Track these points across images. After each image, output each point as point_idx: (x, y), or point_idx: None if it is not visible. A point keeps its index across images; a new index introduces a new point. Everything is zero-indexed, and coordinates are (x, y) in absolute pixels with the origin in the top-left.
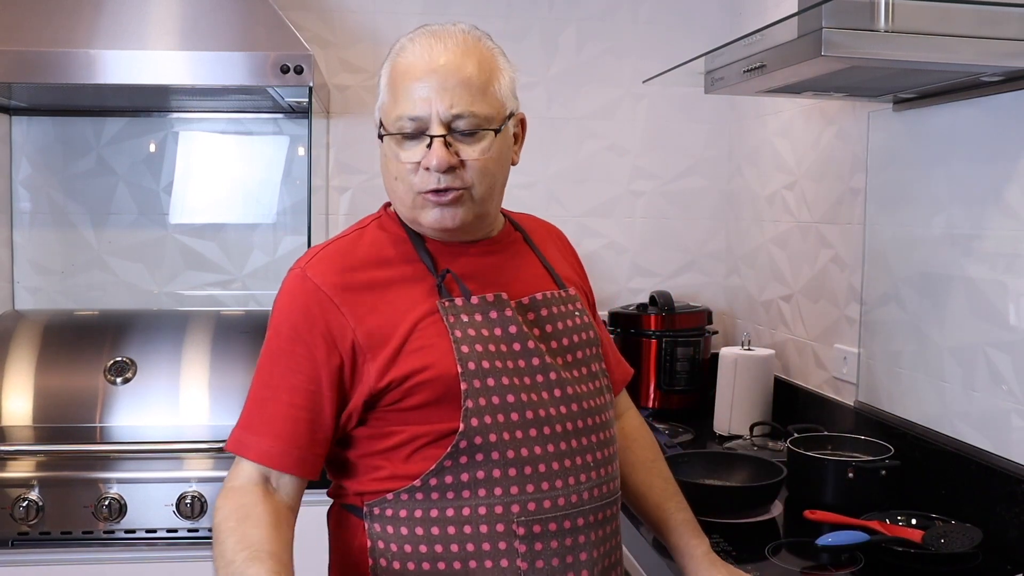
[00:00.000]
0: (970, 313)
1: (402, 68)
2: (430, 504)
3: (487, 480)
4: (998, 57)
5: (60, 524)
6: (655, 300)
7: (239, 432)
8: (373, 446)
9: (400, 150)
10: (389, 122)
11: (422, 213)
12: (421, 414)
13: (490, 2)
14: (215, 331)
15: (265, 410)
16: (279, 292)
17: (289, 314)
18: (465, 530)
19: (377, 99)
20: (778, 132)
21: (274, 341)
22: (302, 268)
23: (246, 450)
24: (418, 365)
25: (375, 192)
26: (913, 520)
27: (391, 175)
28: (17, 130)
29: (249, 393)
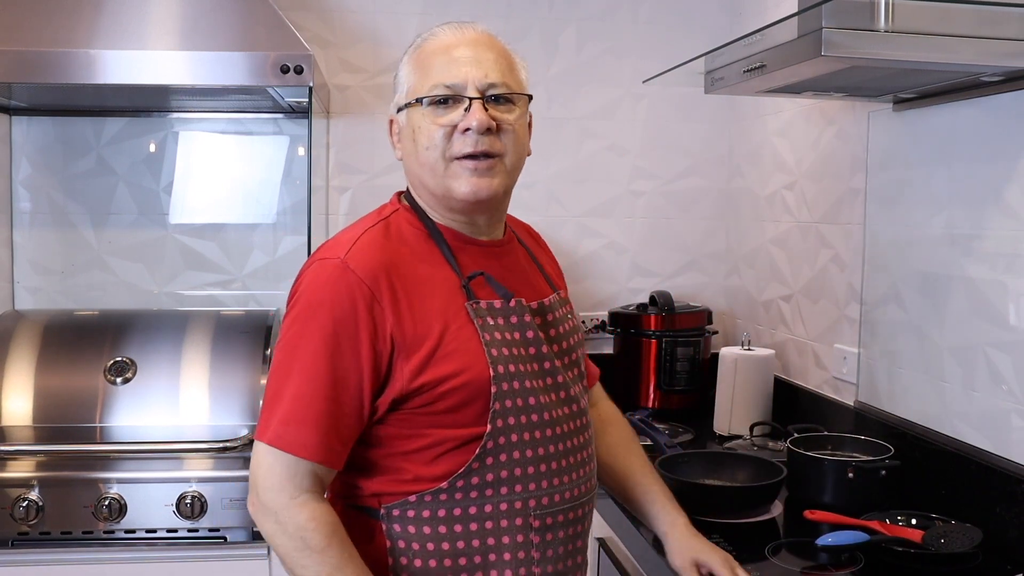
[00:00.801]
0: (970, 313)
1: (432, 47)
2: (454, 504)
3: (509, 479)
4: (998, 57)
5: (60, 524)
6: (655, 300)
7: (281, 426)
8: (398, 447)
9: (435, 117)
10: (422, 91)
11: (456, 183)
12: (450, 417)
13: (490, 2)
14: (215, 331)
15: (311, 406)
16: (313, 281)
17: (333, 307)
18: (487, 525)
19: (396, 91)
20: (778, 132)
21: (315, 333)
22: (342, 259)
23: (293, 446)
24: (452, 370)
25: (375, 192)
26: (913, 520)
27: (422, 145)
28: (17, 130)
29: (282, 383)
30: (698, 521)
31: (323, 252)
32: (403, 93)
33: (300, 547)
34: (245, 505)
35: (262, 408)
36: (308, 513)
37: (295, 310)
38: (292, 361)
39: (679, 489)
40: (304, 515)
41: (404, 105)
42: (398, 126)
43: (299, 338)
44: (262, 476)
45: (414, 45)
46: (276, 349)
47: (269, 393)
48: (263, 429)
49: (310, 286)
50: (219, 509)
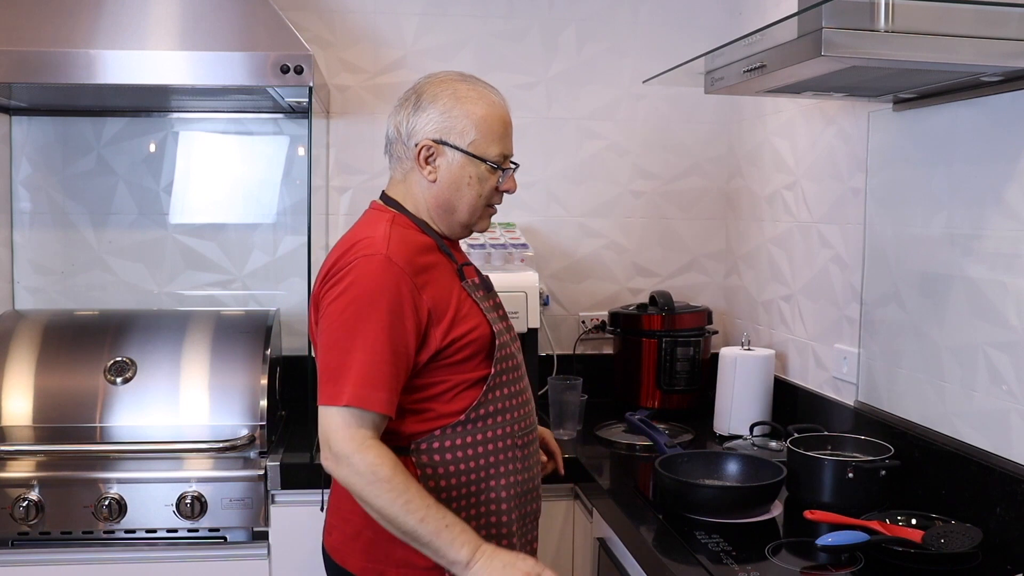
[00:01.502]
0: (970, 313)
1: (495, 115)
2: (467, 433)
3: (502, 410)
4: (998, 57)
5: (60, 524)
6: (655, 300)
7: (358, 388)
8: (426, 393)
9: (491, 176)
10: (490, 156)
11: (480, 221)
12: (464, 365)
13: (490, 2)
14: (215, 331)
15: (381, 371)
16: (365, 273)
17: (385, 292)
18: (489, 447)
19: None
20: (778, 132)
21: (373, 314)
22: (385, 255)
23: (369, 403)
24: (467, 328)
25: (375, 192)
26: (913, 520)
27: (473, 191)
28: (17, 130)
29: (346, 356)
30: (698, 521)
31: (364, 248)
32: (466, 138)
33: (372, 480)
34: (245, 505)
35: (324, 379)
36: (374, 453)
37: (349, 295)
38: (354, 338)
39: (679, 489)
40: (371, 455)
41: (467, 152)
42: (436, 154)
43: (357, 319)
44: (334, 432)
45: (464, 95)
46: (330, 329)
47: (332, 365)
48: (337, 393)
49: (363, 276)
50: (219, 509)
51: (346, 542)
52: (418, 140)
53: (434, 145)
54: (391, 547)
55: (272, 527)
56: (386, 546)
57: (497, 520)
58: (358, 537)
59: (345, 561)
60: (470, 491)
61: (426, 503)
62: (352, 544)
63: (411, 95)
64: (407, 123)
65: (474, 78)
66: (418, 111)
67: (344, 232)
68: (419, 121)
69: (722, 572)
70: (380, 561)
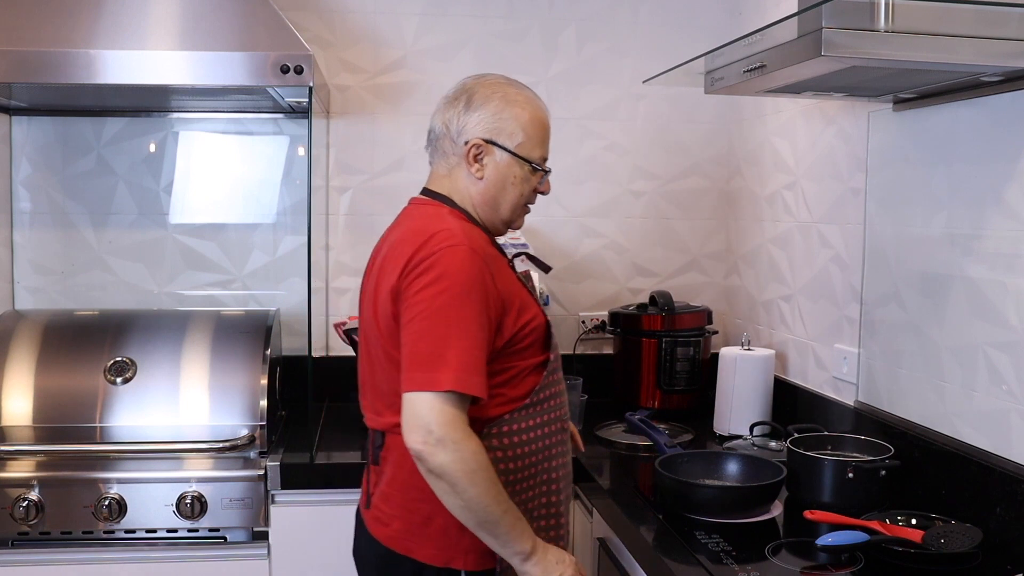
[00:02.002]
0: (970, 313)
1: (542, 120)
2: (529, 416)
3: (555, 393)
4: (998, 57)
5: (60, 524)
6: (655, 300)
7: (460, 373)
8: (497, 379)
9: (532, 177)
10: (533, 158)
11: (520, 219)
12: (526, 352)
13: (490, 2)
14: (215, 331)
15: (479, 357)
16: (453, 262)
17: (475, 280)
18: (546, 430)
19: (489, 124)
20: (778, 132)
21: (466, 302)
22: (468, 245)
23: (472, 389)
24: (529, 317)
25: (375, 192)
26: (913, 520)
27: (517, 190)
28: (17, 130)
29: (444, 342)
30: (698, 521)
31: (445, 239)
32: (514, 140)
33: (475, 467)
34: (245, 505)
35: (416, 365)
36: (476, 441)
37: (441, 284)
38: (449, 326)
39: (679, 489)
40: (475, 442)
41: (514, 153)
42: (484, 152)
43: (451, 307)
44: (437, 416)
45: (514, 99)
46: (421, 317)
47: (426, 352)
48: (436, 379)
49: (453, 266)
50: (219, 509)
51: (413, 530)
52: (468, 138)
53: (484, 144)
54: (462, 534)
55: (272, 527)
56: (458, 533)
57: (548, 500)
58: (429, 524)
59: (411, 550)
60: (530, 472)
61: (506, 494)
62: (422, 531)
63: (461, 95)
64: (457, 121)
65: (520, 83)
66: (469, 111)
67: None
68: (470, 120)
69: (722, 572)
70: (451, 548)
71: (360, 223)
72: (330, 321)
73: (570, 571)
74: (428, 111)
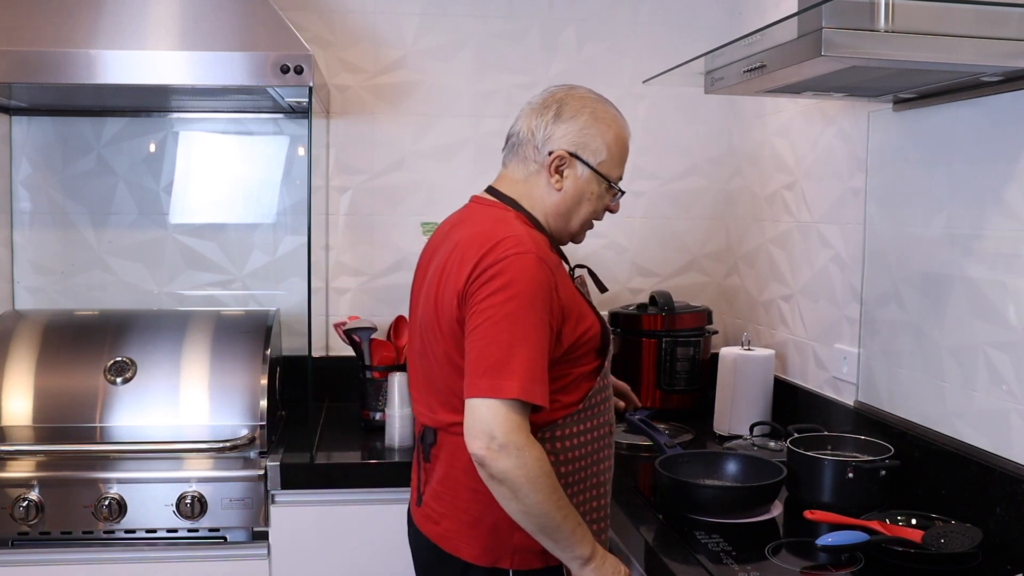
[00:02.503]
0: (970, 313)
1: (623, 139)
2: (580, 421)
3: (604, 399)
4: (998, 57)
5: (60, 524)
6: (655, 300)
7: (526, 383)
8: (554, 386)
9: (606, 195)
10: (612, 177)
11: (583, 233)
12: (582, 358)
13: (490, 2)
14: (215, 331)
15: (542, 367)
16: (523, 270)
17: (541, 290)
18: (596, 434)
19: (576, 137)
20: (778, 132)
21: (533, 310)
22: (536, 254)
23: (537, 398)
24: (586, 327)
25: (375, 192)
26: (913, 520)
27: (591, 206)
28: (17, 130)
29: (509, 350)
30: (698, 521)
31: (513, 247)
32: (598, 157)
33: (537, 473)
34: (245, 505)
35: (481, 372)
36: (538, 448)
37: (509, 292)
38: (514, 334)
39: (679, 489)
40: (538, 448)
41: (595, 170)
42: (567, 165)
43: (518, 315)
44: (502, 423)
45: (602, 116)
46: (488, 323)
47: (492, 359)
48: (501, 387)
49: (521, 274)
50: (219, 509)
51: (462, 530)
52: (553, 148)
53: (568, 157)
54: (512, 534)
55: (272, 527)
56: (508, 533)
57: (598, 504)
58: (478, 525)
59: (459, 549)
60: (581, 476)
61: (567, 499)
62: (471, 532)
63: (551, 103)
64: (544, 129)
65: (608, 100)
66: (558, 121)
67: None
68: (557, 131)
69: (722, 572)
70: (500, 548)
71: (360, 223)
72: (330, 321)
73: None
74: (428, 111)
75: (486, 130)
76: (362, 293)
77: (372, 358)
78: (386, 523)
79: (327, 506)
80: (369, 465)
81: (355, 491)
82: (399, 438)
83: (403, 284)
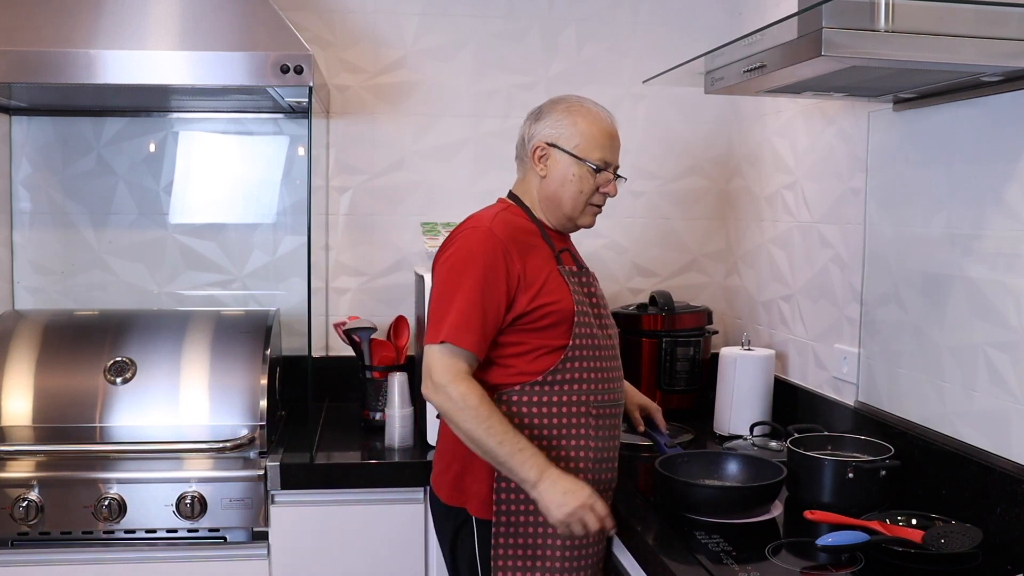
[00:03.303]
0: (970, 313)
1: (600, 126)
2: (543, 393)
3: (578, 379)
4: (998, 57)
5: (60, 524)
6: (655, 300)
7: (452, 330)
8: (510, 351)
9: (592, 178)
10: (592, 159)
11: (582, 217)
12: (546, 332)
13: (490, 2)
14: (215, 331)
15: (473, 318)
16: (467, 240)
17: (484, 256)
18: (563, 411)
19: (551, 130)
20: (778, 132)
21: (473, 271)
22: (488, 228)
23: (463, 342)
24: (551, 300)
25: (375, 192)
26: (913, 520)
27: (573, 188)
28: (17, 130)
29: (447, 305)
30: (698, 521)
31: (470, 223)
32: (572, 142)
33: (462, 407)
34: (245, 505)
35: (429, 324)
36: (466, 385)
37: (453, 258)
38: (455, 291)
39: (679, 489)
40: (463, 386)
41: (571, 154)
42: (547, 154)
43: (459, 276)
44: (434, 365)
45: (576, 110)
46: (436, 285)
47: (436, 314)
48: (435, 334)
49: (465, 243)
50: (219, 509)
51: (440, 474)
52: (534, 142)
53: (546, 147)
54: (469, 481)
55: (272, 527)
56: (470, 481)
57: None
58: (447, 471)
59: (439, 491)
60: (549, 445)
61: (504, 429)
62: (443, 477)
63: (536, 111)
64: (529, 130)
65: (589, 99)
66: (538, 121)
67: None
68: (537, 128)
69: (722, 572)
70: (465, 493)
71: (360, 223)
72: (330, 321)
73: (578, 502)
74: (428, 111)
75: (486, 130)
76: (362, 293)
77: (372, 358)
78: (386, 523)
79: (327, 506)
80: (369, 465)
81: (355, 491)
82: (399, 438)
83: (403, 284)
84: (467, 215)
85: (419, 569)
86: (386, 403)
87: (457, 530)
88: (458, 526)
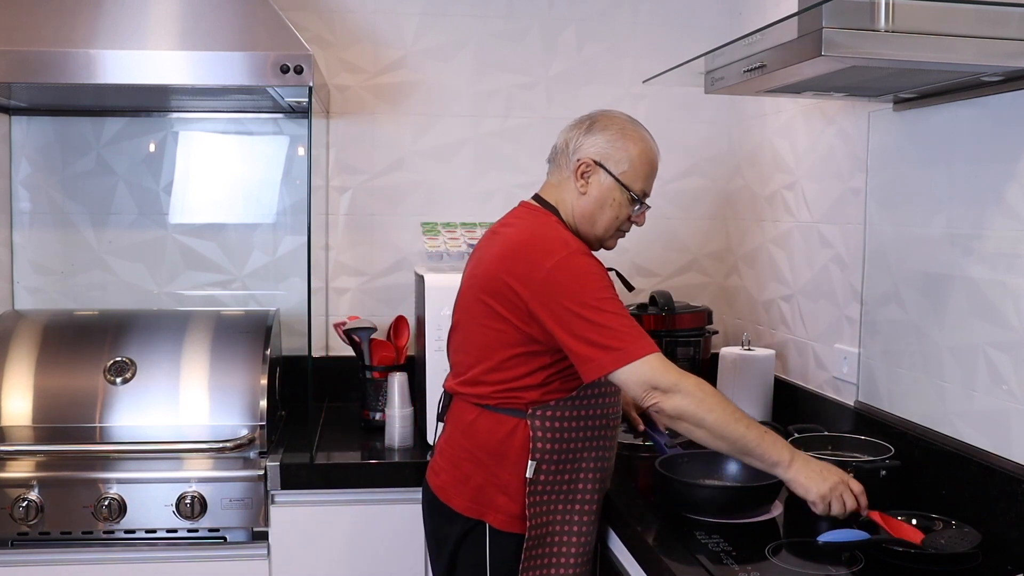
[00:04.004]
0: (970, 313)
1: (651, 158)
2: (573, 408)
3: (602, 394)
4: (998, 57)
5: (60, 524)
6: (655, 300)
7: (645, 341)
8: (555, 368)
9: (629, 206)
10: (634, 188)
11: (610, 240)
12: None
13: (490, 2)
14: (215, 331)
15: (637, 328)
16: (580, 265)
17: (602, 277)
18: (590, 423)
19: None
20: (778, 132)
21: (608, 291)
22: (584, 252)
23: (653, 348)
24: None
25: (375, 192)
26: (913, 520)
27: (613, 212)
28: (17, 130)
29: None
30: (698, 521)
31: (562, 247)
32: (620, 167)
33: (704, 396)
34: (244, 505)
35: (599, 346)
36: (692, 376)
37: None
38: (604, 310)
39: (679, 489)
40: (691, 377)
41: (617, 179)
42: (592, 172)
43: (598, 296)
44: (653, 373)
45: (630, 135)
46: (576, 307)
47: (602, 335)
48: (635, 349)
49: (578, 266)
50: (219, 509)
51: (455, 484)
52: (580, 156)
53: (593, 165)
54: (494, 494)
55: (272, 527)
56: (492, 494)
57: (583, 487)
58: (467, 482)
59: (451, 500)
60: (566, 458)
61: (744, 413)
62: (461, 487)
63: (587, 119)
64: (576, 140)
65: (641, 124)
66: (589, 134)
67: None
68: (586, 141)
69: (722, 572)
70: (484, 505)
71: (360, 223)
72: (330, 321)
73: (836, 477)
74: (428, 111)
75: (486, 130)
76: (362, 293)
77: (372, 358)
78: (386, 523)
79: (327, 506)
80: (369, 465)
81: (355, 491)
82: (399, 438)
83: (403, 284)
84: (467, 215)
85: (419, 569)
86: (386, 403)
87: (463, 536)
88: (464, 532)
